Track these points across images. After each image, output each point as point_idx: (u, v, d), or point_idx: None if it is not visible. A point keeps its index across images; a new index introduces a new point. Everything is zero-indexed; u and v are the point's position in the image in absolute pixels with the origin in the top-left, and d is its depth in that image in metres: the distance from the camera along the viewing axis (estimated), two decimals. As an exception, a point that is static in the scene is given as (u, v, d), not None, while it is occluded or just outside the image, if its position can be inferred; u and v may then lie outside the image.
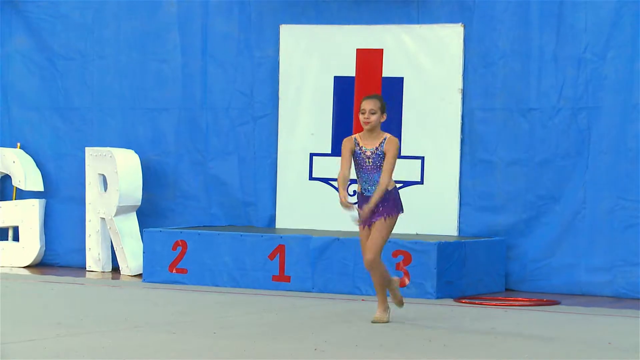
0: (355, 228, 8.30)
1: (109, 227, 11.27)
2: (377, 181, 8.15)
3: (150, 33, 11.62)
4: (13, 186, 11.91)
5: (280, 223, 11.04)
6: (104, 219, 11.30)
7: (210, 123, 11.44)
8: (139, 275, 10.92)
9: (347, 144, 8.22)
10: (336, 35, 10.91)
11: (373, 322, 8.25)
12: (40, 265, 11.76)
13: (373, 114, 8.13)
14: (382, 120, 8.18)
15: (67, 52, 11.84)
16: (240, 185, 11.31)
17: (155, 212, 11.48)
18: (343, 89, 10.93)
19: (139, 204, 11.34)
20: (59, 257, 11.81)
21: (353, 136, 8.29)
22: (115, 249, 11.30)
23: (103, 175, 11.34)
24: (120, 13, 11.67)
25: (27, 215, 11.73)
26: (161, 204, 11.54)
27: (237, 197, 11.31)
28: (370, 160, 8.18)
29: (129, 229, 11.27)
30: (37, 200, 11.76)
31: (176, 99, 11.56)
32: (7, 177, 11.93)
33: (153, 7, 11.58)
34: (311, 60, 11.04)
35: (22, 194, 11.87)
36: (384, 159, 8.14)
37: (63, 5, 11.82)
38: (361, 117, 8.16)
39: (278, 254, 10.17)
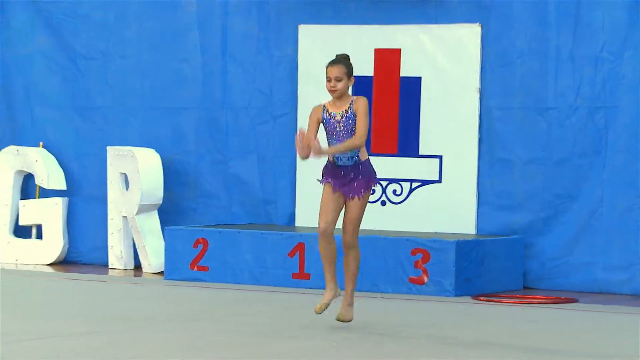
0: (362, 225, 8.02)
1: (130, 226, 11.29)
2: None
3: (170, 33, 11.63)
4: (36, 185, 11.92)
5: (300, 221, 11.05)
6: (125, 217, 11.32)
7: (230, 122, 11.45)
8: (161, 273, 10.92)
9: (314, 112, 7.78)
10: (354, 35, 10.90)
11: (316, 311, 7.78)
12: (64, 262, 11.76)
13: (339, 80, 7.66)
14: (350, 84, 7.71)
15: (89, 52, 11.84)
16: (260, 183, 11.32)
17: (176, 210, 11.49)
18: (361, 88, 10.87)
19: (161, 202, 11.35)
20: (82, 254, 11.82)
21: (322, 104, 7.81)
22: (137, 246, 11.32)
23: (125, 174, 11.36)
24: (141, 13, 11.67)
25: (50, 214, 11.74)
26: (182, 203, 11.55)
27: (257, 196, 11.31)
28: (340, 124, 7.68)
29: (150, 227, 11.29)
30: (60, 198, 11.78)
31: (196, 98, 11.56)
32: (30, 176, 11.95)
33: (173, 7, 11.59)
34: (329, 59, 11.01)
35: (45, 193, 11.88)
36: (354, 122, 7.64)
37: (84, 5, 11.83)
38: (327, 85, 7.70)
39: (298, 251, 10.18)
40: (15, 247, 11.82)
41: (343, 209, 7.81)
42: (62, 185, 11.86)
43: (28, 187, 12.04)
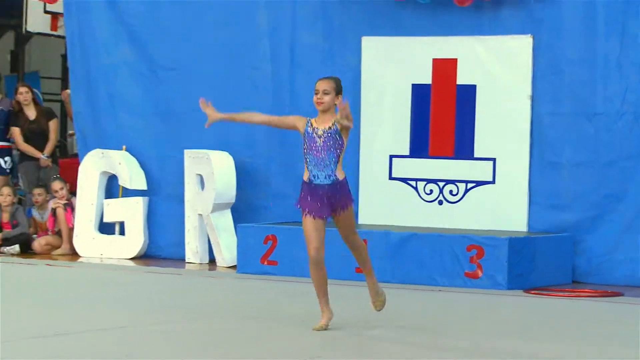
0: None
1: (206, 223, 11.35)
2: (327, 164, 7.22)
3: (243, 43, 11.66)
4: (119, 185, 12.01)
5: (362, 219, 11.06)
6: (201, 215, 11.38)
7: (298, 126, 11.49)
8: (233, 267, 10.96)
9: (299, 121, 7.37)
10: (414, 46, 10.91)
11: (314, 329, 7.29)
12: (144, 257, 11.81)
13: (326, 94, 7.25)
14: (337, 102, 7.27)
15: (168, 61, 11.91)
16: (326, 184, 11.34)
17: (248, 208, 11.51)
18: (420, 95, 10.93)
19: (233, 201, 11.41)
20: (161, 249, 11.87)
21: (308, 118, 7.37)
22: (211, 242, 11.37)
23: (200, 175, 11.43)
24: (216, 25, 11.71)
25: (132, 212, 11.83)
26: (253, 202, 11.58)
27: (322, 195, 11.34)
28: (321, 139, 7.21)
29: (224, 225, 11.33)
30: (141, 198, 11.87)
31: (266, 104, 11.54)
32: (113, 177, 12.04)
33: (246, 20, 11.62)
34: (390, 69, 11.06)
35: (128, 193, 11.96)
36: (336, 138, 7.21)
37: (163, 18, 11.89)
38: (314, 97, 7.28)
39: (360, 247, 10.18)
40: (100, 243, 11.90)
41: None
42: (143, 186, 11.94)
43: (112, 188, 12.12)
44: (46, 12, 14.49)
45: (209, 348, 6.70)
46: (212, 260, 11.41)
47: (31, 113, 12.76)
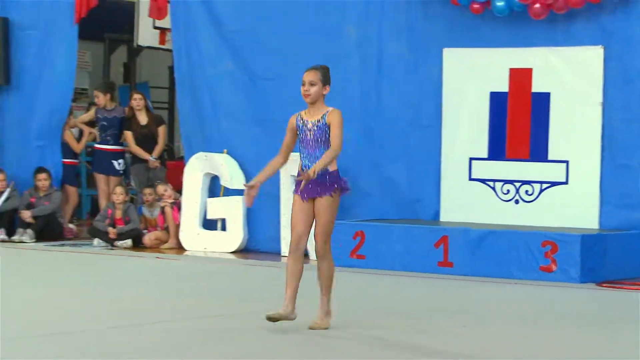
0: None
1: (299, 220, 11.41)
2: (317, 156, 6.67)
3: (334, 55, 11.54)
4: (221, 185, 12.08)
5: (443, 217, 11.02)
6: (295, 212, 11.44)
7: (384, 132, 11.44)
8: (326, 260, 11.02)
9: (289, 122, 6.79)
10: (492, 57, 10.85)
11: (310, 327, 6.75)
12: (244, 251, 11.87)
13: (313, 85, 6.65)
14: (325, 92, 6.72)
15: (265, 73, 11.93)
16: (409, 184, 11.30)
17: (339, 207, 11.52)
18: (498, 102, 10.86)
19: (325, 200, 11.45)
20: (259, 244, 11.91)
21: (299, 112, 6.81)
22: (305, 237, 11.44)
23: (294, 176, 11.46)
24: (309, 39, 11.69)
25: (232, 209, 11.88)
26: (343, 201, 11.45)
27: (406, 195, 11.29)
28: (311, 133, 6.64)
29: (316, 221, 11.40)
30: (241, 197, 11.73)
31: (355, 111, 11.52)
32: (216, 178, 12.13)
33: (337, 34, 11.61)
34: (470, 78, 11.00)
35: (229, 192, 12.02)
36: (326, 132, 6.65)
37: (262, 33, 11.93)
38: (302, 89, 6.70)
39: (442, 243, 10.17)
40: (204, 238, 11.99)
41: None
42: (241, 185, 12.03)
43: (214, 187, 12.21)
44: (155, 27, 14.68)
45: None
46: (305, 254, 11.38)
47: (143, 119, 12.95)
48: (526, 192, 10.72)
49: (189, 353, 6.21)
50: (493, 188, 10.86)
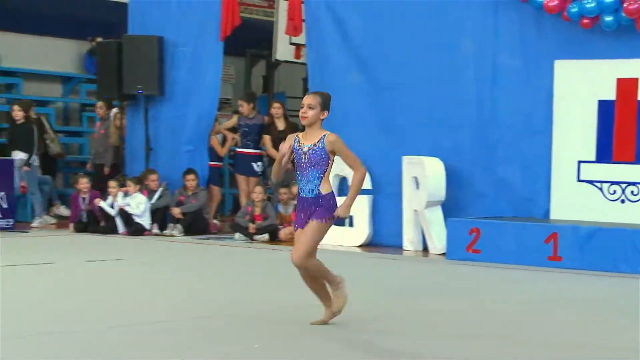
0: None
1: (420, 217, 11.42)
2: (310, 179, 6.18)
3: (452, 66, 11.62)
4: (349, 186, 12.19)
5: (553, 215, 10.92)
6: (416, 210, 11.45)
7: (498, 137, 11.39)
8: (443, 254, 11.00)
9: (287, 140, 6.30)
10: (600, 68, 10.72)
11: (312, 323, 6.40)
12: (369, 245, 11.94)
13: (311, 108, 6.17)
14: (322, 117, 6.21)
15: (389, 83, 11.99)
16: (522, 185, 11.22)
17: (455, 205, 11.46)
18: (605, 110, 10.73)
19: (443, 199, 11.42)
20: (383, 239, 11.93)
21: (296, 134, 6.35)
22: (424, 233, 11.43)
23: (415, 177, 11.49)
24: (429, 51, 11.72)
25: (359, 207, 11.92)
26: (460, 200, 11.53)
27: (519, 195, 11.22)
28: (306, 156, 6.17)
29: (435, 218, 11.37)
30: (367, 196, 11.98)
31: (471, 118, 11.54)
32: (344, 179, 12.13)
33: (454, 47, 11.62)
34: (579, 87, 10.88)
35: None
36: (320, 156, 6.18)
37: (386, 46, 11.98)
38: (300, 111, 6.22)
39: (552, 239, 10.10)
40: (333, 233, 11.72)
41: None
42: (368, 186, 12.03)
43: (343, 187, 12.27)
44: (291, 43, 14.85)
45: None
46: (425, 249, 11.48)
47: (281, 125, 13.21)
48: (632, 192, 10.57)
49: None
50: (600, 189, 10.74)
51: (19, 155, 13.72)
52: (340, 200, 6.45)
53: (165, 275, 9.01)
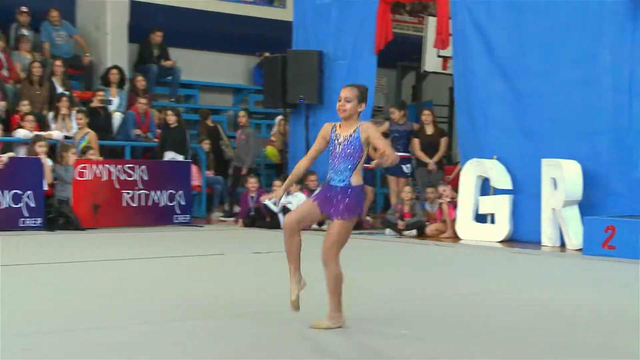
0: None
1: (557, 215, 11.30)
2: (342, 170, 5.75)
3: (590, 76, 11.44)
4: (491, 186, 12.11)
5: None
6: (554, 209, 11.33)
7: (635, 143, 11.14)
8: (579, 250, 10.85)
9: (324, 129, 5.87)
10: None
11: (311, 327, 5.83)
12: (509, 241, 11.83)
13: (348, 101, 5.77)
14: (360, 109, 5.81)
15: (529, 92, 11.86)
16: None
17: (591, 205, 11.28)
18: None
19: (580, 199, 11.27)
20: (522, 235, 11.80)
21: (334, 123, 5.91)
22: (562, 230, 11.29)
23: (554, 178, 11.37)
24: (568, 61, 11.57)
25: (500, 206, 11.92)
26: (596, 199, 11.34)
27: (654, 195, 11.00)
28: (340, 147, 5.76)
29: (572, 217, 11.23)
30: (507, 195, 11.93)
31: (608, 124, 11.34)
32: (486, 180, 12.18)
33: (592, 57, 11.43)
34: None
35: (497, 191, 12.03)
36: (355, 147, 5.76)
37: (527, 58, 11.89)
38: (338, 104, 5.83)
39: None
40: (476, 229, 12.10)
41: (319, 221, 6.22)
42: (509, 186, 12.02)
43: (485, 187, 12.29)
44: (439, 56, 14.84)
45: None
46: (562, 244, 11.34)
47: (429, 130, 13.31)
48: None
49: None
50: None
51: (170, 155, 13.93)
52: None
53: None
